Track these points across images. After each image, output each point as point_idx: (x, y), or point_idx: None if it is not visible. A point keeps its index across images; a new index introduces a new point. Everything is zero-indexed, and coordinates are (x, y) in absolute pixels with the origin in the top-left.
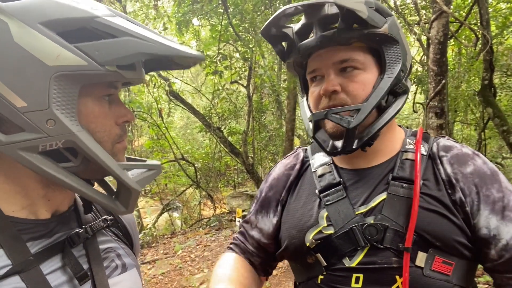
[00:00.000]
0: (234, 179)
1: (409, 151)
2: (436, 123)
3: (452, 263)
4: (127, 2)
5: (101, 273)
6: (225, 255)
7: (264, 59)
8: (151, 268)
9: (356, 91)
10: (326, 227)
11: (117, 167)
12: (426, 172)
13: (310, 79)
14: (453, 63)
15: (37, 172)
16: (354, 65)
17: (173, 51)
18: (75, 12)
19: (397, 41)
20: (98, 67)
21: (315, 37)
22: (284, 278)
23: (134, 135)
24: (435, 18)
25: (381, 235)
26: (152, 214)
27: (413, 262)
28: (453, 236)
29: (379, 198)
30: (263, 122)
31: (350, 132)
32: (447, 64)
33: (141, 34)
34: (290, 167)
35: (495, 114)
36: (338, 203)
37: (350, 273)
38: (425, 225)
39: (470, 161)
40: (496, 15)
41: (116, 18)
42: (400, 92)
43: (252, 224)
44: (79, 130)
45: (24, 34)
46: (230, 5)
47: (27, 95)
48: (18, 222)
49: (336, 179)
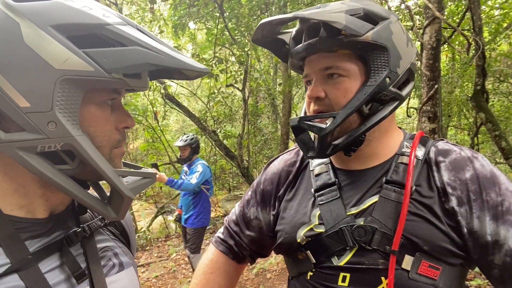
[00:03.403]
0: (229, 183)
1: (405, 154)
2: (429, 128)
3: (439, 268)
4: (123, 5)
5: (98, 272)
6: (207, 254)
7: (260, 63)
8: (145, 271)
9: (337, 98)
10: (317, 225)
11: (112, 173)
12: (420, 178)
13: (305, 82)
14: (446, 69)
15: (32, 172)
16: (338, 72)
17: (180, 64)
18: (87, 18)
19: (385, 47)
20: (105, 74)
21: (303, 44)
22: (278, 281)
23: (129, 138)
24: (428, 23)
25: (369, 237)
26: (147, 217)
27: (400, 265)
28: (441, 242)
29: (371, 200)
30: (258, 125)
31: (321, 139)
32: (440, 69)
33: (150, 45)
34: (290, 163)
35: (488, 119)
36: (331, 203)
37: (337, 272)
38: (413, 229)
39: (469, 165)
40: (489, 22)
41: (126, 27)
42: (388, 100)
43: (249, 215)
44: (79, 134)
45: (34, 36)
46: (226, 9)
47: (31, 96)
48: (16, 221)
49: (332, 179)
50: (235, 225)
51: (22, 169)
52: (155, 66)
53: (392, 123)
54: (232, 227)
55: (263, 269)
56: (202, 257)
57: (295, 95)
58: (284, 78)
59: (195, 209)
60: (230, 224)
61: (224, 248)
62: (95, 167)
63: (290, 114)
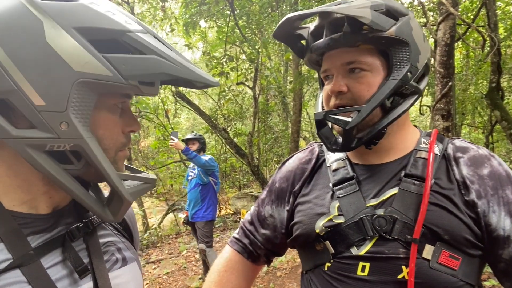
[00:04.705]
0: (239, 181)
1: (422, 150)
2: (443, 126)
3: (459, 258)
4: (135, 3)
5: (101, 267)
6: (222, 253)
7: (271, 61)
8: (156, 268)
9: (360, 92)
10: (336, 216)
11: (115, 177)
12: (439, 172)
13: (324, 77)
14: (461, 66)
15: (38, 169)
16: (361, 67)
17: (194, 76)
18: (110, 23)
19: (407, 42)
20: (122, 80)
21: (324, 39)
22: (288, 279)
23: (141, 136)
24: (441, 20)
25: (390, 226)
26: (158, 214)
27: (420, 254)
28: (461, 232)
29: (391, 192)
30: (268, 123)
31: (346, 132)
32: (454, 66)
33: (167, 55)
34: (305, 161)
35: (503, 117)
36: (350, 196)
37: (357, 261)
38: (434, 219)
39: (487, 162)
40: (505, 18)
41: (146, 35)
42: (408, 94)
43: (264, 214)
44: (88, 136)
45: (57, 36)
46: (236, 7)
47: (47, 95)
48: (18, 217)
49: (350, 174)
50: (249, 225)
51: (27, 165)
52: (171, 77)
53: (407, 118)
54: (247, 227)
55: (273, 267)
56: (218, 256)
57: (305, 93)
58: (294, 76)
59: (203, 202)
60: (245, 224)
61: (239, 247)
62: (100, 169)
63: (301, 112)
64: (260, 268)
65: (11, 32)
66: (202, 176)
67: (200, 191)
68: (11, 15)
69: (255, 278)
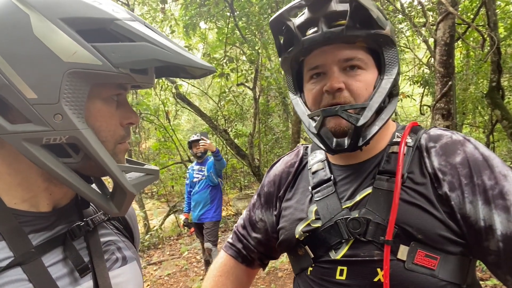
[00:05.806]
0: (240, 181)
1: (395, 144)
2: (443, 125)
3: (437, 257)
4: (135, 5)
5: (101, 266)
6: (217, 258)
7: (271, 62)
8: (157, 269)
9: (359, 90)
10: (314, 221)
11: (116, 168)
12: (412, 165)
13: (311, 75)
14: (461, 65)
15: (37, 164)
16: (358, 64)
17: (187, 61)
18: (96, 12)
19: (395, 43)
20: (112, 68)
21: (322, 33)
22: (289, 280)
23: (142, 137)
24: (441, 19)
25: (364, 229)
26: (159, 215)
27: (395, 255)
28: (436, 230)
29: (365, 192)
30: (269, 124)
31: (357, 129)
32: (454, 65)
33: (158, 41)
34: (291, 164)
35: (503, 116)
36: (327, 198)
37: (335, 266)
38: (406, 218)
39: (460, 148)
40: (505, 17)
41: (135, 23)
42: (394, 94)
43: (255, 218)
44: (84, 128)
45: (44, 28)
46: (236, 8)
47: (38, 88)
48: (19, 215)
49: (327, 175)
50: (242, 229)
51: (26, 162)
52: (162, 63)
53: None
54: (240, 231)
55: (275, 267)
56: (213, 262)
57: None
58: None
59: (212, 203)
60: (238, 229)
61: (233, 252)
62: (99, 161)
63: None
64: (256, 272)
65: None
66: (213, 177)
67: (210, 192)
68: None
69: (251, 282)
